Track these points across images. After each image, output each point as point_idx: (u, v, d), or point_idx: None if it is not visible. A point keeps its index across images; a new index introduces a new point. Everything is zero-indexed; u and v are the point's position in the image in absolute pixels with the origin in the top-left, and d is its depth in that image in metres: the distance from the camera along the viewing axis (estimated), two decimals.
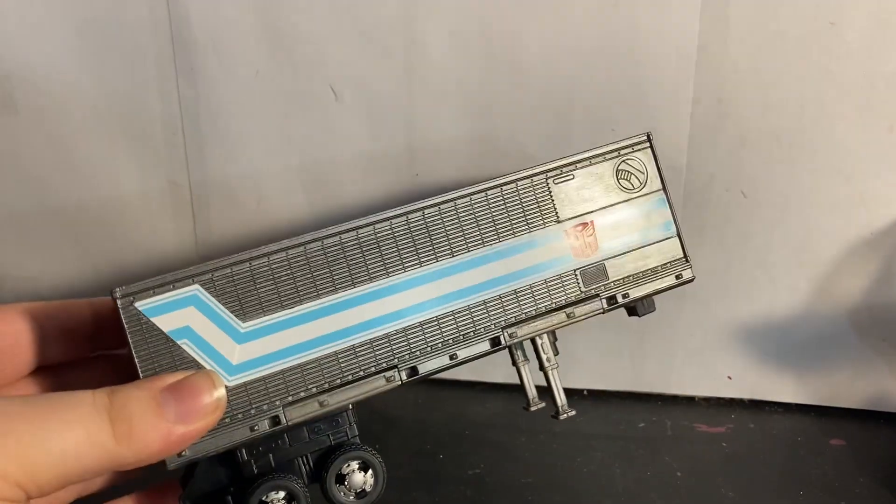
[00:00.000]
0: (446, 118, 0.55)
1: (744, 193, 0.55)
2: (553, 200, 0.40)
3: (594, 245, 0.40)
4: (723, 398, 0.60)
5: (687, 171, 0.54)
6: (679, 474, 0.52)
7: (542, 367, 0.40)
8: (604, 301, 0.40)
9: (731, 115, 0.53)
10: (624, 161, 0.41)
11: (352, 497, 0.37)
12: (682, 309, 0.58)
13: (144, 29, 0.54)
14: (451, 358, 0.38)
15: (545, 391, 0.41)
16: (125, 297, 0.34)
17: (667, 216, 0.41)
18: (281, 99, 0.56)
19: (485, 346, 0.38)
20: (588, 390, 0.62)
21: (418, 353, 0.37)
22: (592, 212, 0.40)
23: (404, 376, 0.37)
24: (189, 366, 0.34)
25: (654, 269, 0.41)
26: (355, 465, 0.37)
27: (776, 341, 0.58)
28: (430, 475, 0.53)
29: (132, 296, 0.34)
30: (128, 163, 0.58)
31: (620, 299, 0.40)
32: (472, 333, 0.38)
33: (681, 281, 0.41)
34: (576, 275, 0.40)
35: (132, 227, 0.59)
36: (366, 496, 0.37)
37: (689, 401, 0.61)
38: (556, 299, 0.39)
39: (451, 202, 0.38)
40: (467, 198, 0.39)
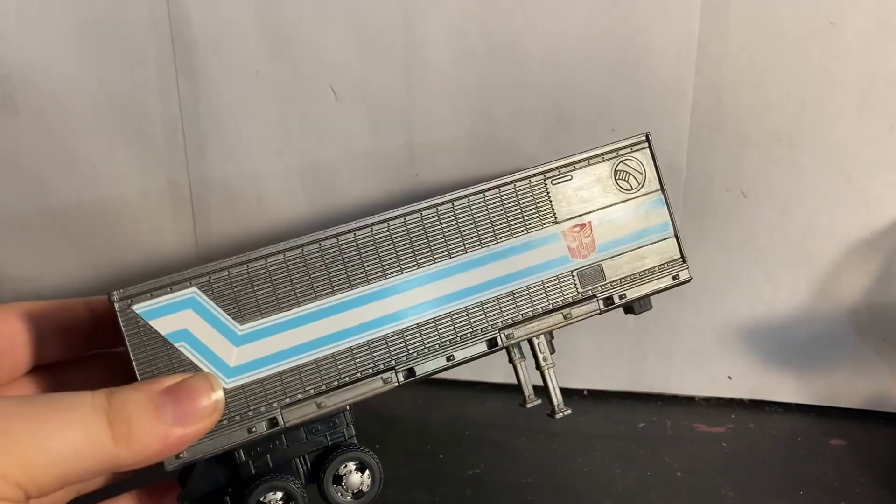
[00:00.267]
0: (446, 118, 0.55)
1: (744, 193, 0.55)
2: (551, 201, 0.40)
3: (591, 246, 0.40)
4: (723, 398, 0.60)
5: (687, 171, 0.54)
6: (679, 474, 0.52)
7: (538, 367, 0.40)
8: (601, 302, 0.40)
9: (731, 115, 0.53)
10: (622, 161, 0.41)
11: (349, 497, 0.37)
12: (682, 309, 0.58)
13: (144, 29, 0.54)
14: (449, 359, 0.38)
15: (542, 391, 0.41)
16: (123, 300, 0.34)
17: (664, 216, 0.41)
18: (281, 99, 0.56)
19: (482, 347, 0.38)
20: (588, 390, 0.62)
21: (416, 354, 0.38)
22: (590, 212, 0.40)
23: (401, 378, 0.37)
24: (187, 368, 0.34)
25: (651, 270, 0.41)
26: (352, 465, 0.37)
27: (776, 341, 0.58)
28: (430, 475, 0.53)
29: (130, 299, 0.34)
30: (128, 163, 0.58)
31: (617, 300, 0.40)
32: (469, 335, 0.38)
33: (678, 282, 0.42)
34: (573, 275, 0.40)
35: (132, 227, 0.59)
36: (363, 496, 0.37)
37: (689, 401, 0.61)
38: (554, 300, 0.39)
39: (449, 204, 0.38)
40: (465, 199, 0.39)
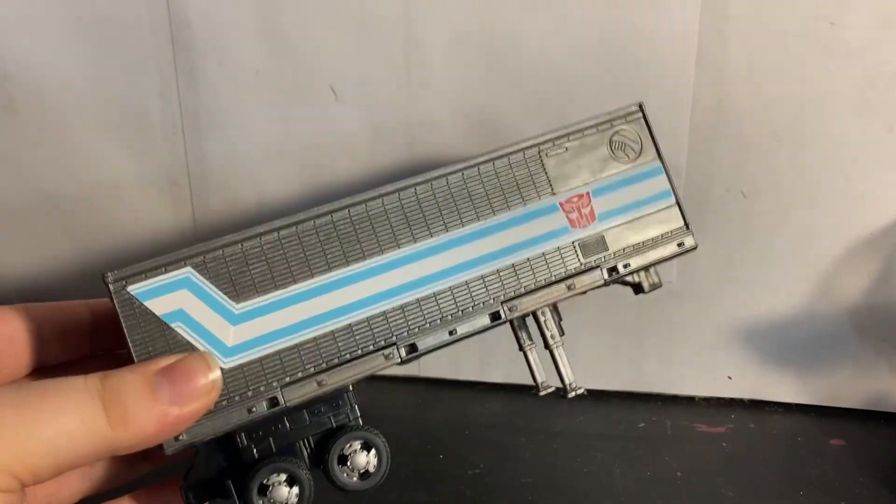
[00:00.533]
0: (446, 118, 0.55)
1: (744, 193, 0.55)
2: (546, 173, 0.39)
3: (591, 216, 0.39)
4: (723, 398, 0.60)
5: (687, 171, 0.54)
6: (679, 474, 0.52)
7: (546, 345, 0.39)
8: (604, 271, 0.39)
9: (731, 115, 0.53)
10: (617, 132, 0.40)
11: (355, 478, 0.36)
12: (682, 309, 0.58)
13: (144, 29, 0.54)
14: (451, 333, 0.37)
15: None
16: (117, 282, 0.33)
17: (664, 184, 0.41)
18: (281, 99, 0.56)
19: (484, 320, 0.38)
20: (588, 390, 0.62)
21: (417, 329, 0.37)
22: (588, 183, 0.40)
23: (403, 353, 0.36)
24: (184, 349, 0.34)
25: (654, 239, 0.40)
26: (358, 445, 0.36)
27: (776, 341, 0.58)
28: (430, 475, 0.53)
29: (124, 280, 0.33)
30: (128, 162, 0.58)
31: (622, 269, 0.39)
32: (470, 309, 0.37)
33: (683, 249, 0.41)
34: (574, 246, 0.39)
35: (132, 227, 0.59)
36: (370, 476, 0.36)
37: (689, 401, 0.61)
38: (556, 272, 0.39)
39: (444, 178, 0.38)
40: (459, 174, 0.38)
